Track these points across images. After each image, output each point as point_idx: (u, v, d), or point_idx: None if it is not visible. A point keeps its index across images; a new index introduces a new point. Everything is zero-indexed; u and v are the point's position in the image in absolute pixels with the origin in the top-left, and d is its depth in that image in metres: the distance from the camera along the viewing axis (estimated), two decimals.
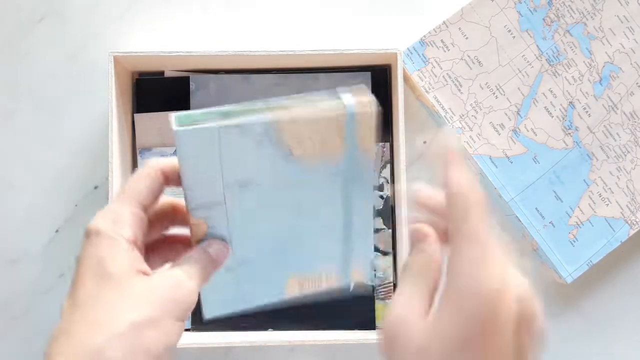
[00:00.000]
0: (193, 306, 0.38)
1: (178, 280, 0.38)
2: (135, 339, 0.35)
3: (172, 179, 0.41)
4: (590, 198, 0.67)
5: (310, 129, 0.40)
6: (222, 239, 0.42)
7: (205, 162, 0.40)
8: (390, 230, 0.66)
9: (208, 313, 0.45)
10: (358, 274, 0.46)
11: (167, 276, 0.38)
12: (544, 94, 0.67)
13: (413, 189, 0.40)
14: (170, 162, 0.41)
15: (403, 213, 0.62)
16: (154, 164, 0.40)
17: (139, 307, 0.36)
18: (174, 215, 0.43)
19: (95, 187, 0.68)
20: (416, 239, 0.38)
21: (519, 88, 0.67)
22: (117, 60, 0.62)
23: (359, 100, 0.41)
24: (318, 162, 0.41)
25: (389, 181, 0.67)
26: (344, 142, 0.41)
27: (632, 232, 0.67)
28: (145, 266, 0.38)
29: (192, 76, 0.66)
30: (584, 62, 0.67)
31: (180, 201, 0.42)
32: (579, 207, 0.67)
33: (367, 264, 0.46)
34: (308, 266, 0.45)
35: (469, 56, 0.67)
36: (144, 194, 0.39)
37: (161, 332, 0.36)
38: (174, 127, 0.39)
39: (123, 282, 0.36)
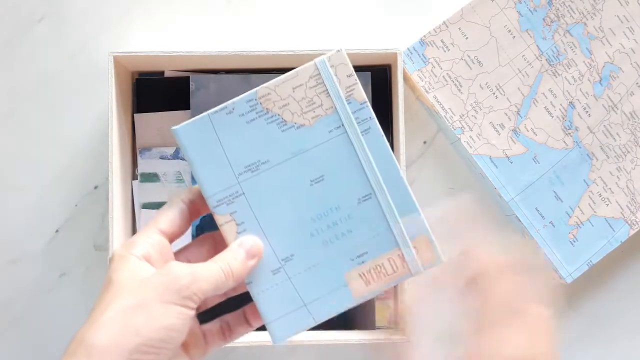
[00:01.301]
0: (191, 290, 0.39)
1: (167, 267, 0.40)
2: (123, 324, 0.38)
3: (198, 204, 0.44)
4: (590, 198, 0.67)
5: (290, 90, 0.42)
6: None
7: (208, 152, 0.42)
8: None
9: (277, 337, 0.43)
10: (421, 246, 0.43)
11: (162, 269, 0.40)
12: (544, 94, 0.67)
13: None
14: (190, 189, 0.44)
15: None
16: (175, 197, 0.44)
17: (126, 296, 0.39)
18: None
19: (95, 187, 0.68)
20: None
21: (519, 88, 0.67)
22: (117, 60, 0.62)
23: (328, 54, 0.43)
24: (314, 122, 0.42)
25: None
26: (329, 96, 0.42)
27: (632, 232, 0.67)
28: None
29: (192, 76, 0.66)
30: (584, 62, 0.67)
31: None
32: (579, 207, 0.67)
33: (421, 224, 0.43)
34: (359, 248, 0.43)
35: (469, 56, 0.67)
36: (161, 221, 0.43)
37: (149, 315, 0.38)
38: (173, 127, 0.42)
39: (122, 286, 0.39)
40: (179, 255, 0.44)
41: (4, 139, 0.68)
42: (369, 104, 0.43)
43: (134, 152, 0.67)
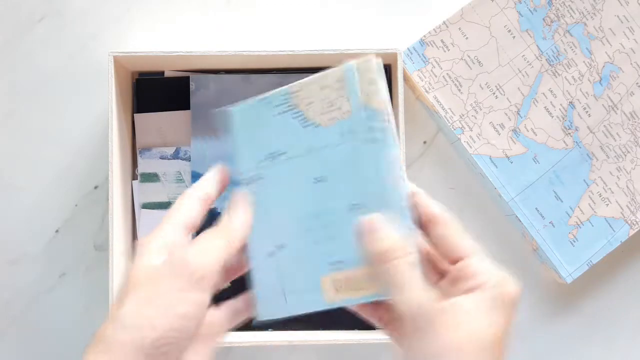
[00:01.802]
0: (201, 272, 0.39)
1: (173, 255, 0.40)
2: (138, 319, 0.38)
3: (212, 196, 0.44)
4: (590, 198, 0.67)
5: (318, 92, 0.43)
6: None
7: (248, 135, 0.45)
8: None
9: (262, 313, 0.45)
10: None
11: (168, 257, 0.41)
12: (544, 94, 0.67)
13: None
14: (204, 185, 0.44)
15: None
16: (191, 194, 0.44)
17: (140, 290, 0.39)
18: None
19: (95, 187, 0.68)
20: None
21: (519, 88, 0.67)
22: (117, 60, 0.62)
23: (359, 59, 0.43)
24: (330, 124, 0.43)
25: None
26: (348, 100, 0.43)
27: (632, 232, 0.67)
28: None
29: (192, 76, 0.66)
30: (584, 62, 0.67)
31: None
32: (579, 207, 0.67)
33: None
34: (338, 255, 0.43)
35: (469, 56, 0.67)
36: (182, 217, 0.43)
37: (164, 306, 0.38)
38: (231, 108, 0.45)
39: (136, 279, 0.40)
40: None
41: (4, 139, 0.68)
42: (387, 114, 0.42)
43: (134, 152, 0.67)
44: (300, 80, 0.44)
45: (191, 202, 0.43)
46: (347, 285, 0.43)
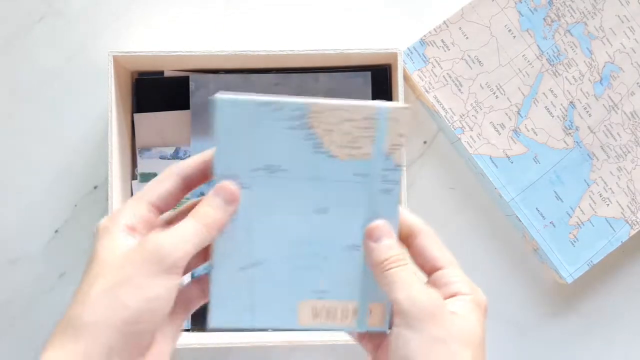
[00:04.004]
0: (173, 257, 0.39)
1: (146, 239, 0.40)
2: (110, 300, 0.38)
3: (193, 180, 0.43)
4: (591, 198, 0.67)
5: (342, 122, 0.42)
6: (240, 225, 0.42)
7: (237, 134, 0.42)
8: None
9: (214, 320, 0.43)
10: (375, 311, 0.44)
11: (141, 241, 0.40)
12: (544, 93, 0.67)
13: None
14: (188, 163, 0.43)
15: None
16: (171, 169, 0.43)
17: (111, 273, 0.39)
18: None
19: (95, 187, 0.68)
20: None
21: (519, 88, 0.67)
22: (116, 60, 0.62)
23: (394, 105, 0.42)
24: (346, 159, 0.42)
25: None
26: (373, 144, 0.42)
27: (632, 233, 0.67)
28: None
29: (192, 76, 0.66)
30: (584, 61, 0.67)
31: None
32: (579, 207, 0.67)
33: (385, 298, 0.43)
34: (324, 284, 0.43)
35: (469, 56, 0.67)
36: (153, 194, 0.42)
37: (135, 288, 0.38)
38: (217, 95, 0.41)
39: (106, 262, 0.39)
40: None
41: (4, 139, 0.68)
42: (403, 170, 0.42)
43: (134, 152, 0.67)
44: (321, 101, 0.42)
45: (165, 178, 0.42)
46: (326, 314, 0.44)
